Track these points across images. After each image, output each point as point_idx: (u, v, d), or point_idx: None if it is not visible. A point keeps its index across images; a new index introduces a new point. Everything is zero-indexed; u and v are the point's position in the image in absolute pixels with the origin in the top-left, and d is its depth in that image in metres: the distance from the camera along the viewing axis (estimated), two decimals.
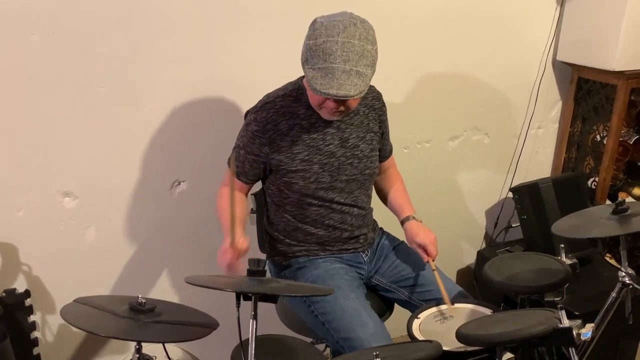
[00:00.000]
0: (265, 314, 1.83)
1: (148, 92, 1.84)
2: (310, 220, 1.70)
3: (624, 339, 2.17)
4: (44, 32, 1.66)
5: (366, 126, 1.71)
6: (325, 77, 1.39)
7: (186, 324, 1.22)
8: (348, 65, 1.39)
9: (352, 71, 1.39)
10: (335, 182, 1.66)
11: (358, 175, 1.70)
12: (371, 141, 1.73)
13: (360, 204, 1.74)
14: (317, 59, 1.40)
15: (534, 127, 2.58)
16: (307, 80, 1.45)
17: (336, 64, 1.39)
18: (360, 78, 1.41)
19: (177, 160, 1.95)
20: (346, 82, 1.39)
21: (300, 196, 1.66)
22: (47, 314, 1.93)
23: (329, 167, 1.65)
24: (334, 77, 1.39)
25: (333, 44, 1.39)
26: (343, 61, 1.39)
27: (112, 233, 1.94)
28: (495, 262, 1.65)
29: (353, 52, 1.40)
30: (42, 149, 1.77)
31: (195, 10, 1.82)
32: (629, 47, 2.23)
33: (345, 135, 1.67)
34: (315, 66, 1.41)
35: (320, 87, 1.41)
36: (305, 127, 1.62)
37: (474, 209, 2.60)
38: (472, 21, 2.28)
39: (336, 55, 1.39)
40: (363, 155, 1.70)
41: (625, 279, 1.49)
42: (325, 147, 1.64)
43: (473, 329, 1.36)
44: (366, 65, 1.42)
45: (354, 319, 1.54)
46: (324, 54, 1.39)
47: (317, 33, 1.42)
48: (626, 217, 1.49)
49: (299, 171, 1.63)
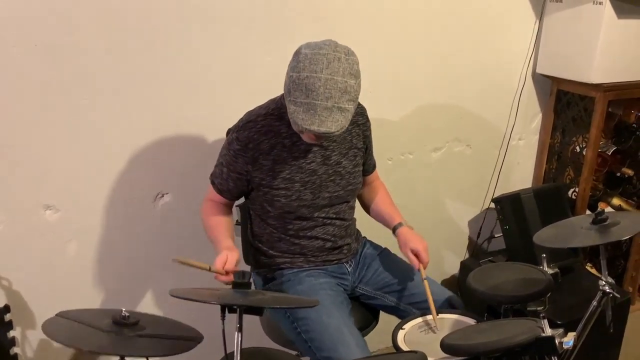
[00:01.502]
0: (251, 326, 1.82)
1: (131, 104, 1.84)
2: (293, 233, 1.71)
3: (605, 347, 2.20)
4: (25, 44, 1.65)
5: (349, 142, 1.72)
6: (307, 112, 1.40)
7: (170, 337, 1.21)
8: (330, 102, 1.39)
9: (334, 107, 1.40)
10: (317, 200, 1.67)
11: (340, 192, 1.71)
12: (354, 157, 1.73)
13: (343, 216, 1.75)
14: (300, 94, 1.40)
15: (515, 139, 2.62)
16: (288, 113, 1.45)
17: (318, 100, 1.39)
18: (342, 114, 1.42)
19: (160, 172, 1.94)
20: (327, 119, 1.40)
21: (283, 212, 1.67)
22: (27, 329, 1.89)
23: (311, 185, 1.65)
24: (315, 113, 1.39)
25: (316, 80, 1.39)
26: (325, 98, 1.39)
27: (95, 246, 1.92)
28: (478, 273, 1.66)
29: (335, 89, 1.40)
30: (23, 162, 1.75)
31: (178, 22, 1.82)
32: (606, 60, 2.28)
33: (327, 153, 1.67)
34: (297, 100, 1.41)
35: (302, 123, 1.41)
36: (287, 146, 1.62)
37: (457, 219, 2.62)
38: (454, 34, 2.32)
39: (319, 92, 1.39)
40: (345, 172, 1.70)
41: (606, 288, 1.51)
42: (307, 166, 1.64)
43: (457, 339, 1.37)
44: (348, 100, 1.42)
45: (336, 338, 1.54)
46: (306, 90, 1.39)
47: (301, 66, 1.41)
48: (605, 226, 1.51)
49: (281, 189, 1.63)
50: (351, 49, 1.48)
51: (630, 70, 2.36)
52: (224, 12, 1.88)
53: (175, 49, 1.84)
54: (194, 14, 1.84)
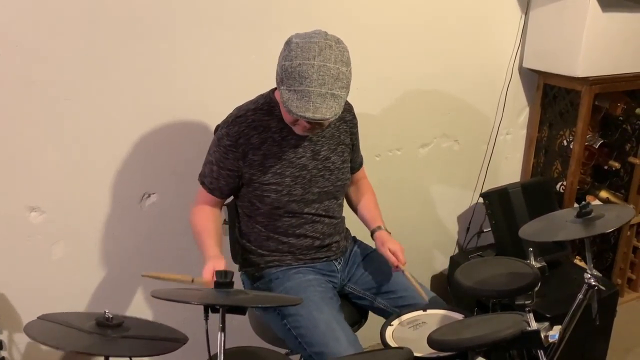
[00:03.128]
0: (241, 325, 1.82)
1: (115, 104, 1.82)
2: (282, 231, 1.70)
3: (593, 340, 2.21)
4: (7, 44, 1.63)
5: (337, 138, 1.73)
6: (301, 99, 1.41)
7: (155, 338, 1.20)
8: (324, 89, 1.41)
9: (327, 94, 1.42)
10: (307, 195, 1.67)
11: (330, 187, 1.71)
12: (342, 153, 1.74)
13: (332, 213, 1.75)
14: (293, 81, 1.42)
15: (503, 133, 2.63)
16: (282, 101, 1.45)
17: (312, 87, 1.40)
18: (336, 100, 1.43)
19: (146, 172, 1.93)
20: (322, 106, 1.42)
21: (272, 208, 1.66)
22: (14, 332, 1.88)
23: (301, 179, 1.65)
24: (309, 100, 1.41)
25: (309, 67, 1.41)
26: (319, 85, 1.41)
27: (81, 248, 1.90)
28: (466, 268, 1.67)
29: (329, 75, 1.41)
30: (7, 163, 1.73)
31: (163, 21, 1.81)
32: (592, 54, 2.29)
33: (317, 148, 1.68)
34: (291, 88, 1.42)
35: (297, 110, 1.42)
36: (277, 141, 1.62)
37: (445, 215, 2.63)
38: (440, 30, 2.32)
39: (312, 78, 1.40)
40: (335, 168, 1.71)
41: (591, 281, 1.52)
42: (298, 160, 1.65)
43: (444, 334, 1.37)
44: (341, 87, 1.44)
45: (327, 333, 1.54)
46: (300, 77, 1.41)
47: (293, 54, 1.43)
48: (590, 219, 1.52)
49: (271, 184, 1.63)
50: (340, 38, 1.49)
51: (616, 63, 2.38)
52: (211, 11, 1.87)
53: (161, 47, 1.83)
54: (181, 12, 1.83)
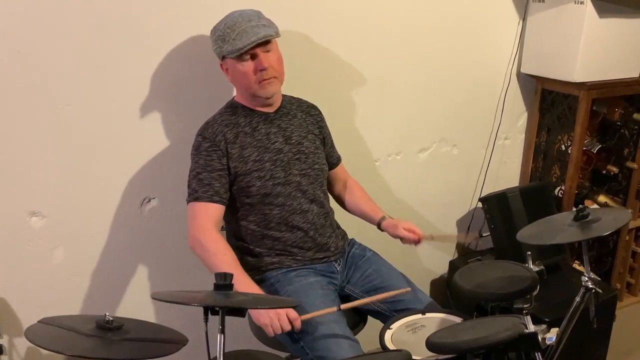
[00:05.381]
0: (241, 328, 1.82)
1: (116, 109, 1.84)
2: (273, 225, 1.73)
3: (592, 344, 2.22)
4: (8, 50, 1.65)
5: (305, 128, 1.83)
6: (242, 37, 1.61)
7: (154, 340, 1.21)
8: (253, 22, 1.63)
9: (259, 25, 1.63)
10: (290, 177, 1.73)
11: (308, 170, 1.78)
12: (314, 141, 1.84)
13: (318, 199, 1.79)
14: (230, 33, 1.62)
15: (501, 138, 2.64)
16: (230, 54, 1.63)
17: (243, 26, 1.62)
18: (267, 27, 1.64)
19: (146, 176, 1.94)
20: (260, 31, 1.62)
21: (261, 197, 1.70)
22: (14, 337, 1.88)
23: (280, 162, 1.73)
24: (248, 33, 1.61)
25: (233, 18, 1.64)
26: (247, 21, 1.63)
27: (82, 252, 1.91)
28: (465, 271, 1.67)
29: (251, 14, 1.65)
30: (8, 168, 1.74)
31: (165, 25, 1.83)
32: (589, 59, 2.30)
33: (287, 134, 1.78)
34: (230, 38, 1.62)
35: (245, 41, 1.60)
36: (248, 133, 1.73)
37: (445, 219, 2.63)
38: (439, 35, 2.33)
39: (239, 20, 1.63)
40: (309, 152, 1.80)
41: (589, 284, 1.53)
42: (272, 145, 1.74)
43: (442, 337, 1.38)
44: (267, 20, 1.67)
45: (329, 337, 1.55)
46: (231, 28, 1.62)
47: (217, 30, 1.66)
48: (587, 223, 1.52)
49: (253, 172, 1.70)
50: None
51: (613, 68, 2.39)
52: (212, 17, 1.88)
53: (159, 53, 1.85)
54: (183, 17, 1.84)
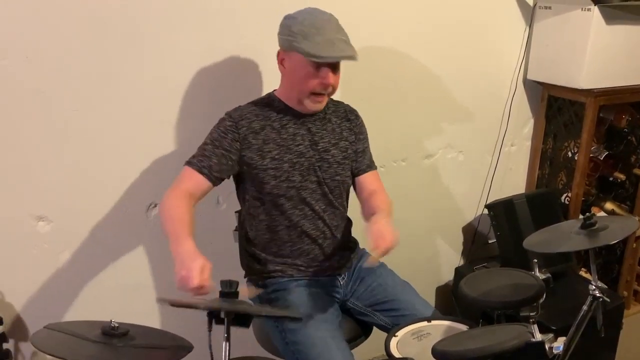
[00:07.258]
0: (243, 335, 1.82)
1: (123, 114, 1.84)
2: (282, 228, 1.71)
3: (599, 352, 2.20)
4: (16, 56, 1.66)
5: (339, 134, 1.76)
6: (325, 44, 1.56)
7: (160, 347, 1.21)
8: (339, 35, 1.60)
9: (343, 40, 1.60)
10: (306, 183, 1.70)
11: (328, 180, 1.73)
12: (345, 149, 1.77)
13: (332, 210, 1.74)
14: (311, 35, 1.56)
15: (507, 145, 2.63)
16: (306, 55, 1.55)
17: (331, 35, 1.58)
18: (349, 46, 1.61)
19: (152, 182, 1.94)
20: (346, 49, 1.59)
21: (273, 197, 1.68)
22: (20, 341, 1.89)
23: (299, 166, 1.69)
24: (334, 45, 1.57)
25: (320, 20, 1.59)
26: (335, 32, 1.59)
27: (88, 257, 1.91)
28: (470, 279, 1.66)
29: (336, 25, 1.62)
30: (15, 173, 1.75)
31: (170, 29, 1.83)
32: (595, 66, 2.30)
33: (315, 139, 1.72)
34: (315, 41, 1.55)
35: (330, 54, 1.56)
36: (276, 128, 1.69)
37: (451, 226, 2.63)
38: (445, 41, 2.33)
39: (327, 28, 1.58)
40: (334, 161, 1.73)
41: (596, 292, 1.51)
42: (296, 147, 1.69)
43: (448, 345, 1.37)
44: (345, 34, 1.63)
45: (323, 352, 1.54)
46: (316, 29, 1.56)
47: (299, 19, 1.59)
48: (594, 231, 1.51)
49: (270, 169, 1.66)
50: None
51: (620, 75, 2.38)
52: (219, 21, 1.89)
53: (167, 57, 1.85)
54: (190, 22, 1.85)
